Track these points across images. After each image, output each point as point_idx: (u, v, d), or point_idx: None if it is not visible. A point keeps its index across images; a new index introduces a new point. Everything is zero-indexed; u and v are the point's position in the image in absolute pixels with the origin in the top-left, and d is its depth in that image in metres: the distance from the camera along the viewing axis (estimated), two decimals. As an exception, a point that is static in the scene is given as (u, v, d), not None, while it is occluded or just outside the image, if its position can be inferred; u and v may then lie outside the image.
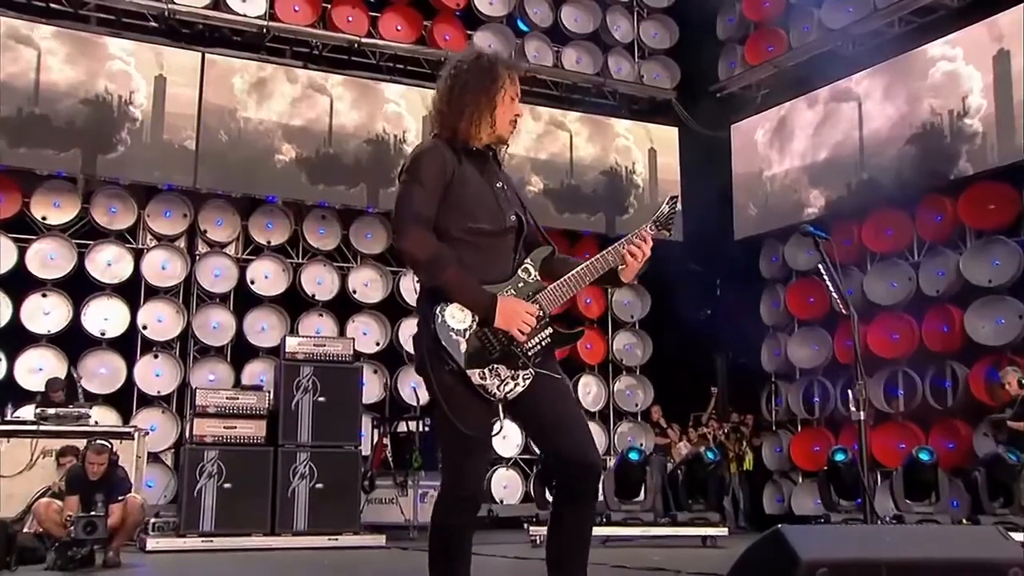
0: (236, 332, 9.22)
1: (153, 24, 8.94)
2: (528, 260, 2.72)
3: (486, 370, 2.54)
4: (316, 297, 9.64)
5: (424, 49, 10.17)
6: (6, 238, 8.41)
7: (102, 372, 8.62)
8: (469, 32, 10.53)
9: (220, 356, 9.24)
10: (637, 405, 10.97)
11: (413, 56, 10.15)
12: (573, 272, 2.69)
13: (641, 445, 10.60)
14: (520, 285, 2.66)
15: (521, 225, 2.76)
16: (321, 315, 9.66)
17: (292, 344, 7.54)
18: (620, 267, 2.74)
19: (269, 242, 9.55)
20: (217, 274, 9.27)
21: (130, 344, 8.85)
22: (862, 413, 3.74)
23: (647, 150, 11.34)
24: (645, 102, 11.39)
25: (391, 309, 9.98)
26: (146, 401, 8.87)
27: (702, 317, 11.11)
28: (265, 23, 9.28)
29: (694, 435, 9.99)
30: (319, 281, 9.72)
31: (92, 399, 8.21)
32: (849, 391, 3.91)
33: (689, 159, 11.26)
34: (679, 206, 2.81)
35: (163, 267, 9.04)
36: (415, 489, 8.23)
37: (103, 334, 8.69)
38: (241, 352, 9.30)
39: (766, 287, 10.53)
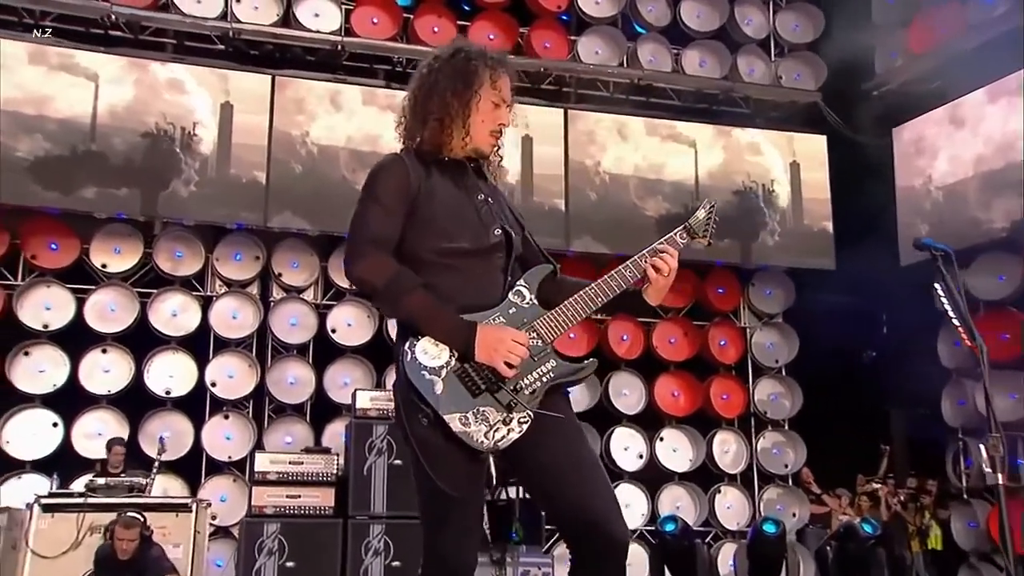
0: (316, 388, 8.69)
1: (220, 47, 8.65)
2: (521, 282, 2.50)
3: (469, 414, 2.33)
4: (341, 340, 8.95)
5: (520, 60, 9.49)
6: (63, 289, 8.19)
7: (166, 436, 8.20)
8: (572, 37, 9.84)
9: (298, 415, 8.72)
10: (786, 466, 9.76)
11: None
12: (581, 293, 2.48)
13: (794, 516, 9.46)
14: (512, 311, 2.45)
15: (510, 241, 2.52)
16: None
17: (363, 400, 7.04)
18: (644, 286, 2.56)
19: (352, 286, 8.98)
20: (293, 323, 8.79)
21: (198, 404, 8.44)
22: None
23: (788, 164, 10.24)
24: (784, 107, 10.33)
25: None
26: (215, 468, 8.41)
27: (865, 360, 9.92)
28: (340, 39, 8.86)
29: (864, 503, 8.73)
30: (347, 323, 9.01)
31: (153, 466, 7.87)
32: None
33: (841, 172, 10.09)
34: (711, 211, 2.62)
35: (233, 316, 8.63)
36: (515, 567, 7.44)
37: (168, 393, 8.32)
38: (321, 411, 8.76)
39: (944, 322, 9.16)
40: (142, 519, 5.92)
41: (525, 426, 2.36)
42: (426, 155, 2.53)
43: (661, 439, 9.49)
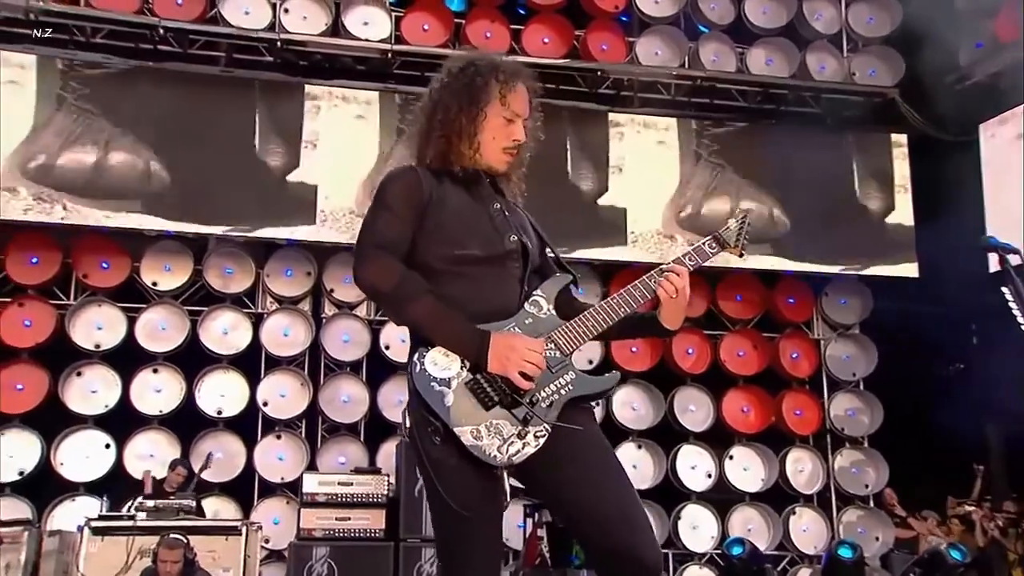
0: (370, 407, 8.57)
1: (268, 59, 8.62)
2: (538, 292, 2.44)
3: (481, 428, 2.25)
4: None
5: (576, 63, 9.31)
6: (114, 308, 8.23)
7: (219, 457, 8.18)
8: (630, 39, 9.58)
9: (352, 435, 8.61)
10: (867, 487, 9.29)
11: (564, 72, 9.29)
12: (603, 303, 2.43)
13: (877, 540, 9.01)
14: (528, 321, 2.38)
15: (526, 249, 2.47)
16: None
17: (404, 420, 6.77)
18: (658, 309, 2.48)
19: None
20: (346, 339, 8.69)
21: (249, 424, 8.39)
22: None
23: (864, 164, 9.80)
24: (859, 105, 9.87)
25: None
26: (268, 490, 8.34)
27: (952, 373, 9.37)
28: (390, 47, 8.76)
29: (956, 527, 8.25)
30: None
31: (208, 488, 7.86)
32: None
33: (922, 172, 9.62)
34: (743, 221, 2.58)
35: (285, 334, 8.57)
36: (576, 593, 7.17)
37: (219, 413, 8.29)
38: (376, 430, 8.63)
39: (1046, 329, 8.62)
40: (185, 541, 5.87)
41: (542, 440, 2.27)
42: (437, 169, 2.48)
43: (731, 457, 9.13)
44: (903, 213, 9.62)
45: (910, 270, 9.44)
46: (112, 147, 8.11)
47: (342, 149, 8.60)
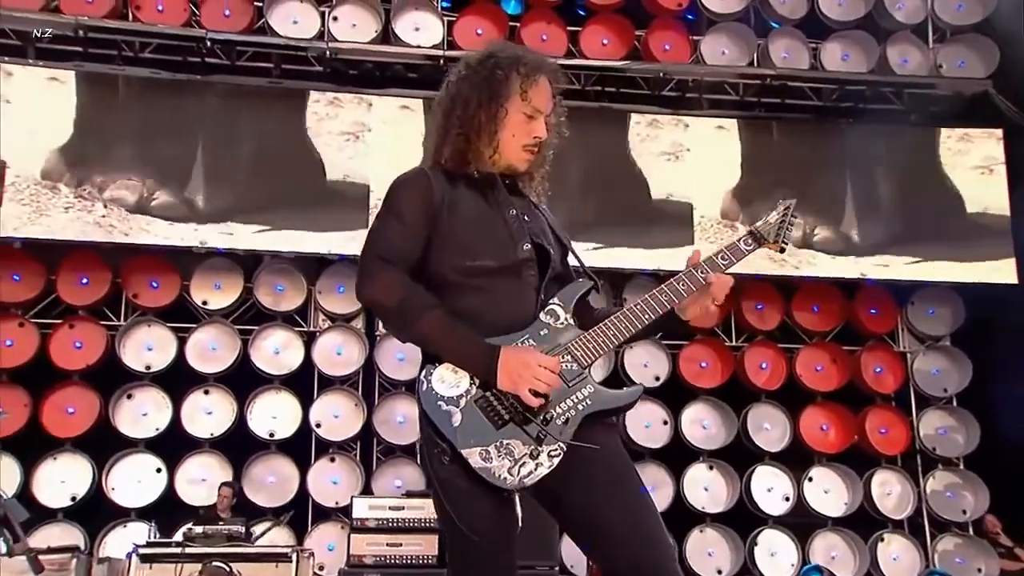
0: (425, 426, 8.30)
1: (317, 68, 8.49)
2: (555, 300, 2.34)
3: (491, 448, 2.17)
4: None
5: (637, 65, 8.98)
6: (165, 328, 8.14)
7: (271, 481, 8.03)
8: (695, 37, 9.23)
9: (408, 457, 8.37)
10: (965, 512, 8.69)
11: (624, 75, 8.97)
12: (624, 310, 2.33)
13: (980, 572, 8.43)
14: (543, 332, 2.29)
15: (545, 256, 2.38)
16: (528, 402, 8.56)
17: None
18: (685, 305, 2.38)
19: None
20: (401, 358, 8.46)
21: (302, 446, 8.22)
22: None
23: (954, 163, 9.24)
24: (947, 100, 9.32)
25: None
26: (323, 514, 8.15)
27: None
28: (443, 52, 8.55)
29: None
30: None
31: (260, 514, 7.72)
32: None
33: (1020, 170, 9.01)
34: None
35: (338, 352, 8.39)
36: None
37: (272, 435, 8.13)
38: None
39: None
40: (227, 569, 5.70)
41: (556, 460, 2.18)
42: (452, 171, 2.39)
43: (810, 479, 8.63)
44: (998, 215, 9.01)
45: (1007, 275, 8.83)
46: (158, 161, 8.06)
47: (397, 160, 8.38)
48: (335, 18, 8.46)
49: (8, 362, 7.84)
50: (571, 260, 2.54)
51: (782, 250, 2.50)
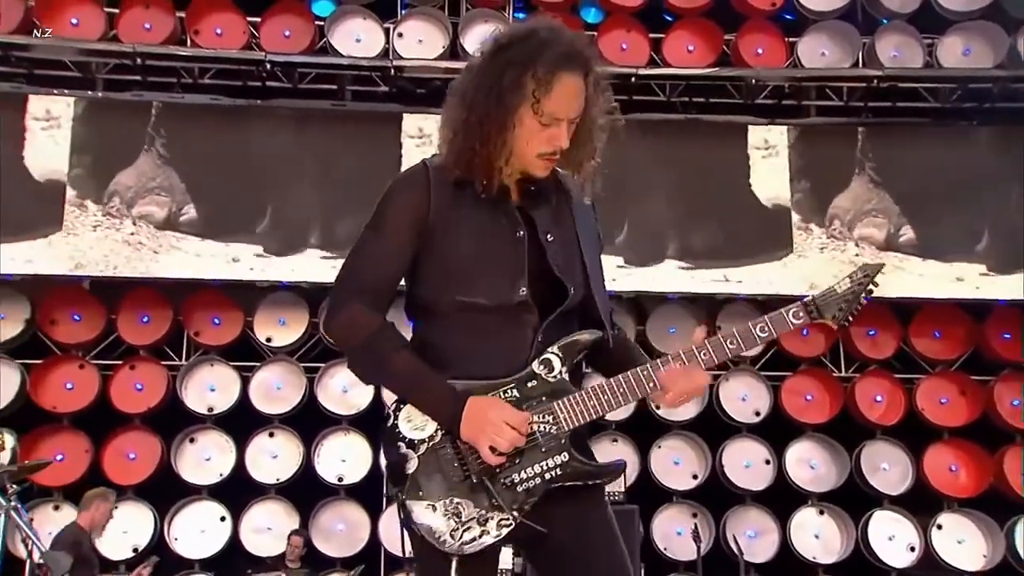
0: (503, 469, 7.70)
1: (383, 88, 8.02)
2: (554, 349, 2.09)
3: (439, 504, 2.02)
4: (607, 416, 7.88)
5: (727, 71, 8.27)
6: (227, 367, 7.76)
7: (340, 529, 7.54)
8: (791, 39, 8.47)
9: (488, 501, 7.77)
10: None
11: (713, 82, 8.26)
12: (631, 372, 2.09)
13: None
14: (531, 384, 2.07)
15: (554, 296, 2.11)
16: (615, 440, 7.91)
17: None
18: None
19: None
20: (480, 394, 7.88)
21: (374, 491, 7.67)
22: None
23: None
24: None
25: (710, 429, 7.96)
26: (396, 564, 7.60)
27: None
28: (514, 66, 7.97)
29: None
30: None
31: (329, 564, 7.27)
32: None
33: None
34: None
35: (409, 390, 7.85)
36: None
37: (340, 480, 7.64)
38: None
39: None
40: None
41: (505, 531, 2.02)
42: (460, 179, 2.12)
43: (939, 527, 7.71)
44: None
45: None
46: (211, 189, 7.74)
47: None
48: (400, 34, 8.00)
49: (69, 406, 7.56)
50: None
51: (841, 327, 2.24)
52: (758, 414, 7.96)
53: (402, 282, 2.19)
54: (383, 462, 2.26)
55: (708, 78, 8.27)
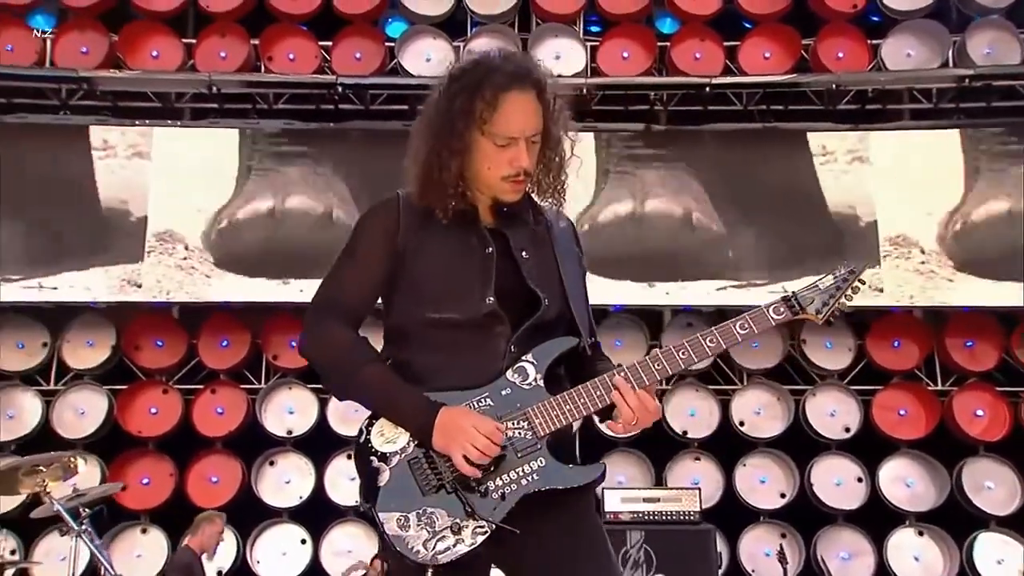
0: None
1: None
2: (528, 357, 2.10)
3: (411, 515, 2.01)
4: (688, 433, 7.70)
5: (806, 77, 8.02)
6: (305, 390, 7.80)
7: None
8: (874, 41, 8.19)
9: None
10: None
11: (791, 90, 8.03)
12: (606, 376, 2.10)
13: None
14: (505, 392, 2.07)
15: (523, 307, 2.12)
16: (698, 459, 7.70)
17: (613, 500, 6.19)
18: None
19: (620, 365, 7.85)
20: (555, 413, 7.76)
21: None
22: None
23: None
24: None
25: (797, 446, 7.69)
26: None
27: None
28: (585, 80, 7.90)
29: None
30: (690, 412, 7.77)
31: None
32: None
33: None
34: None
35: (486, 409, 7.77)
36: None
37: (419, 501, 7.56)
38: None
39: None
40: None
41: (481, 537, 1.99)
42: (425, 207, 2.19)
43: (1051, 550, 7.27)
44: None
45: None
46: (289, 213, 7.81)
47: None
48: (470, 52, 7.94)
49: (154, 430, 7.68)
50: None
51: (829, 323, 2.23)
52: (848, 430, 7.66)
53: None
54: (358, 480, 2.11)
55: (786, 85, 8.05)
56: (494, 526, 1.98)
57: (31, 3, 8.10)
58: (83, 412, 7.68)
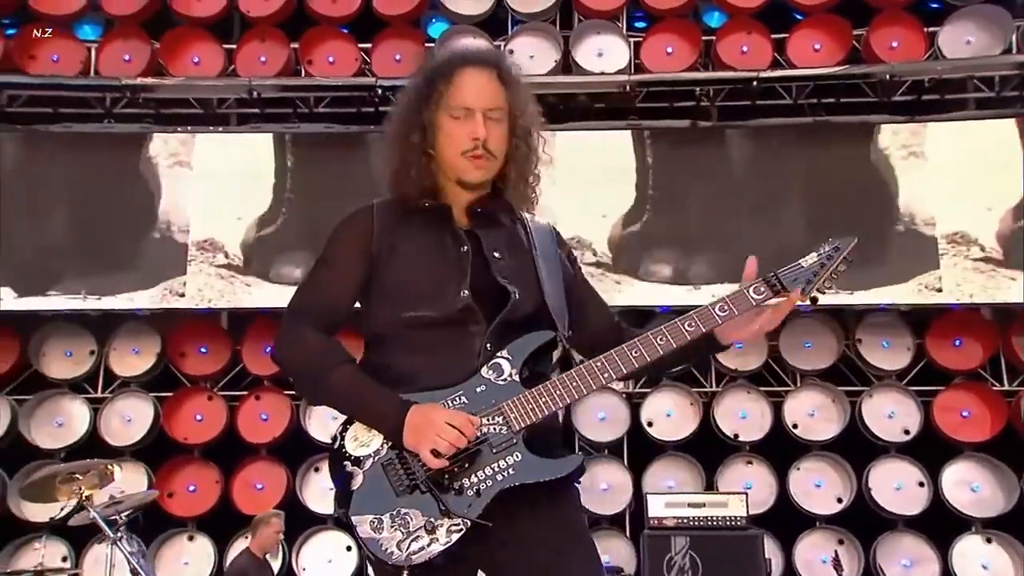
0: (633, 494, 7.42)
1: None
2: (504, 353, 2.09)
3: (385, 517, 1.98)
4: (740, 437, 7.52)
5: (859, 68, 7.79)
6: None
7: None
8: (931, 29, 7.92)
9: (616, 529, 7.53)
10: None
11: (841, 81, 7.81)
12: (582, 367, 2.09)
13: None
14: (480, 389, 2.06)
15: (497, 302, 2.11)
16: (750, 462, 7.51)
17: (657, 505, 6.13)
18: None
19: (669, 367, 7.72)
20: (602, 417, 7.68)
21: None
22: None
23: None
24: None
25: (853, 448, 7.46)
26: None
27: None
28: (628, 77, 7.76)
29: None
30: (741, 414, 7.59)
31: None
32: None
33: None
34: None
35: (531, 414, 7.66)
36: None
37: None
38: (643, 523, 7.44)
39: None
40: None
41: (456, 535, 1.95)
42: (403, 204, 2.23)
43: None
44: None
45: None
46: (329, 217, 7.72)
47: (597, 200, 7.68)
48: (511, 51, 7.87)
49: (199, 437, 7.70)
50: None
51: (814, 300, 2.15)
52: (907, 432, 7.41)
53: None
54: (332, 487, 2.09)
55: (837, 77, 7.83)
56: (469, 523, 1.95)
57: (78, 13, 8.17)
58: (130, 419, 7.73)
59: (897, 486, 7.33)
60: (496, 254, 2.17)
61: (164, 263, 7.69)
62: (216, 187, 7.82)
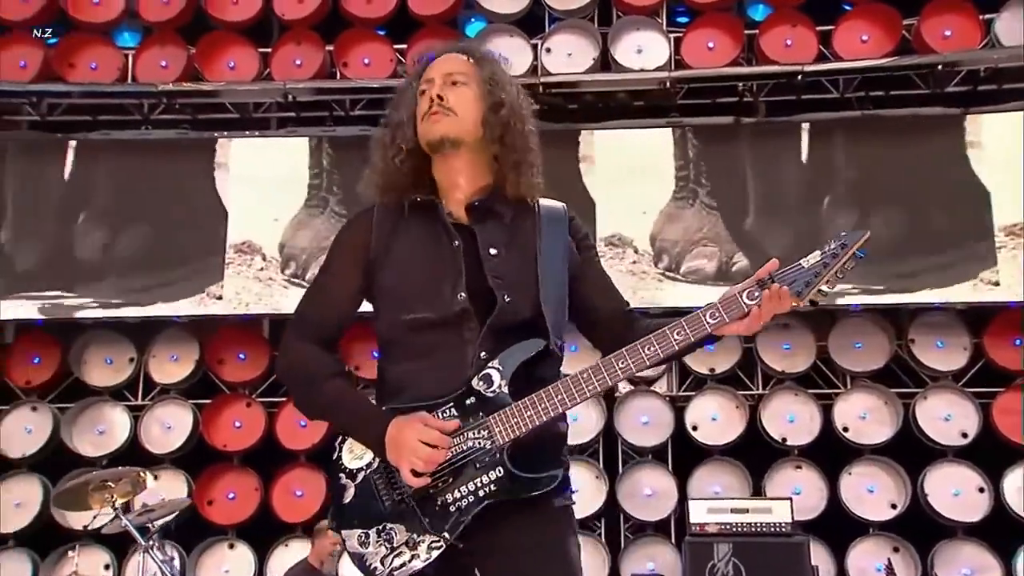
0: (678, 500, 7.26)
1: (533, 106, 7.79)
2: (495, 363, 2.03)
3: (371, 532, 2.00)
4: (788, 440, 7.33)
5: (907, 59, 7.55)
6: (388, 400, 7.66)
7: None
8: (986, 16, 7.66)
9: (661, 536, 7.38)
10: None
11: (890, 73, 7.57)
12: (570, 378, 2.02)
13: None
14: (469, 402, 2.02)
15: (489, 306, 2.05)
16: (799, 467, 7.32)
17: (699, 511, 6.00)
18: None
19: (712, 369, 7.57)
20: (645, 421, 7.54)
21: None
22: None
23: None
24: None
25: (908, 453, 7.23)
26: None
27: None
28: (668, 74, 7.60)
29: None
30: (789, 418, 7.39)
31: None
32: None
33: None
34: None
35: (573, 419, 7.42)
36: None
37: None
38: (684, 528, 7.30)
39: None
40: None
41: (436, 552, 1.93)
42: (399, 204, 2.20)
43: None
44: None
45: None
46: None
47: (638, 197, 7.55)
48: (548, 50, 7.76)
49: (238, 444, 7.68)
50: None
51: (813, 303, 2.04)
52: (965, 435, 7.16)
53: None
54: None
55: (887, 68, 7.59)
56: (448, 540, 1.93)
57: (116, 20, 8.21)
58: (170, 427, 7.73)
59: (955, 492, 7.08)
60: (492, 251, 2.11)
61: (203, 268, 7.66)
62: (253, 191, 7.77)
